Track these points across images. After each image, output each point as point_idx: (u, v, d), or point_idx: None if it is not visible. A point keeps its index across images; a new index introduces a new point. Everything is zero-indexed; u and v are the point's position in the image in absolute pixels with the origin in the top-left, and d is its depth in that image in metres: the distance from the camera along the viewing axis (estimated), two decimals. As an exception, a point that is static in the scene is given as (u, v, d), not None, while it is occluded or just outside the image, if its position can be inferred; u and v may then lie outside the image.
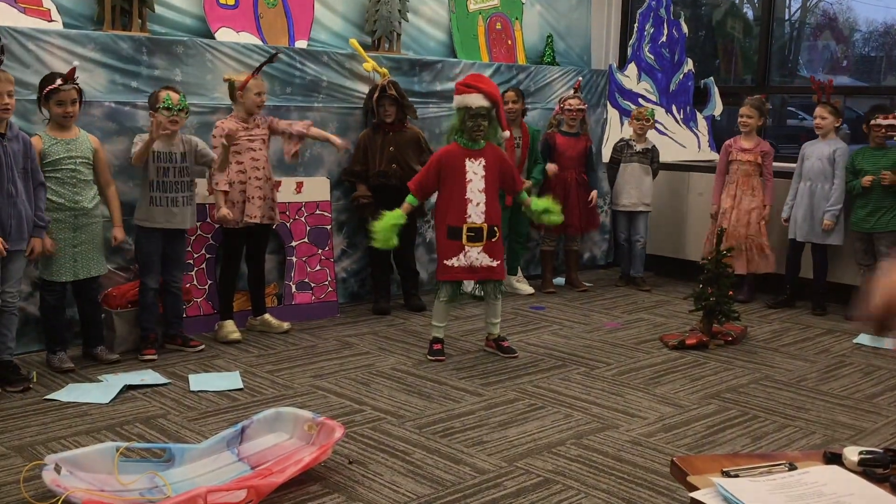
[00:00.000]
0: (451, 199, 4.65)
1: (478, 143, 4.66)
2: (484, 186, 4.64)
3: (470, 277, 4.73)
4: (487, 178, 4.64)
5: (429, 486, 3.15)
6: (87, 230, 4.43)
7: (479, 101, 4.57)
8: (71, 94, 4.30)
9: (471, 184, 4.63)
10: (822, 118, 5.99)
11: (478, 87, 4.58)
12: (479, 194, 4.64)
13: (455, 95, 4.70)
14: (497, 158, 4.71)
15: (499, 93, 4.70)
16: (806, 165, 6.05)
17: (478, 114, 4.58)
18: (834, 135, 6.01)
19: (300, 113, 5.61)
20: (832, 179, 5.92)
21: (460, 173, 4.63)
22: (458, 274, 4.67)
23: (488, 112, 4.60)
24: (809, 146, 6.10)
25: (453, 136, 4.71)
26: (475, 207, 4.63)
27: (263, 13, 5.69)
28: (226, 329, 5.04)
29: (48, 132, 4.34)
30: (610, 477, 3.27)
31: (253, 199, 4.94)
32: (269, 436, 3.43)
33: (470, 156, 4.65)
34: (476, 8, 6.90)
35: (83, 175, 4.39)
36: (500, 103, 4.67)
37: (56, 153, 4.30)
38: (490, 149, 4.70)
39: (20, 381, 4.10)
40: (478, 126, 4.60)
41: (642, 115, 6.58)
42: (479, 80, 4.67)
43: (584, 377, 4.52)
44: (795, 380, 4.55)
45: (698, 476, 1.81)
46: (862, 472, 1.82)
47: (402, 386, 4.31)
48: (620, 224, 6.77)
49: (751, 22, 8.12)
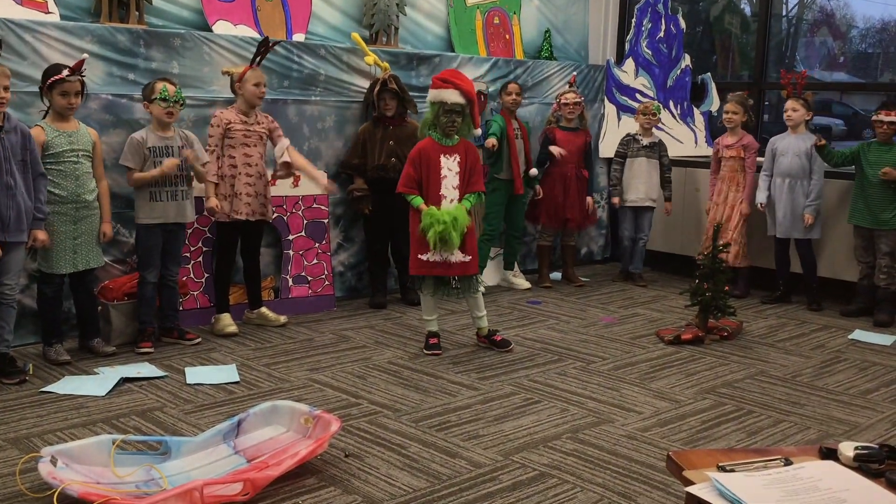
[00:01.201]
0: (426, 194, 4.66)
1: (451, 138, 4.67)
2: (458, 183, 4.66)
3: (444, 273, 4.71)
4: (461, 175, 4.67)
5: (425, 480, 3.16)
6: (87, 222, 4.42)
7: (454, 97, 4.58)
8: (75, 86, 4.29)
9: (445, 180, 4.65)
10: (793, 110, 5.98)
11: (454, 84, 4.59)
12: (453, 191, 4.66)
13: (431, 89, 4.71)
14: (472, 156, 4.73)
15: (474, 90, 4.70)
16: (782, 162, 6.04)
17: (452, 110, 4.60)
18: (804, 129, 6.01)
19: (298, 106, 5.61)
20: (810, 175, 5.94)
21: (435, 169, 4.65)
22: (432, 269, 4.67)
23: (463, 109, 4.62)
24: (780, 140, 6.09)
25: (426, 130, 4.73)
26: (449, 204, 4.64)
27: (261, 6, 5.68)
28: (222, 322, 5.04)
29: (50, 123, 4.33)
30: (605, 471, 3.28)
31: (241, 195, 4.92)
32: (266, 429, 3.44)
33: (445, 152, 4.66)
34: (474, 2, 6.89)
35: (85, 167, 4.39)
36: (474, 101, 4.68)
37: (59, 145, 4.29)
38: (463, 145, 4.72)
39: (16, 373, 4.10)
40: (451, 122, 4.62)
41: (649, 109, 6.57)
42: (456, 77, 4.68)
43: (580, 372, 4.53)
44: (791, 375, 4.56)
45: (694, 471, 1.81)
46: (857, 468, 1.83)
47: (399, 380, 4.31)
48: (626, 221, 6.72)
49: (748, 18, 8.13)
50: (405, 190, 4.68)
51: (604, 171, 7.43)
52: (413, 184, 4.67)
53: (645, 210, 6.66)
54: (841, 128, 7.79)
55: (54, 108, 4.32)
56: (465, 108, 4.63)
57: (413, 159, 4.71)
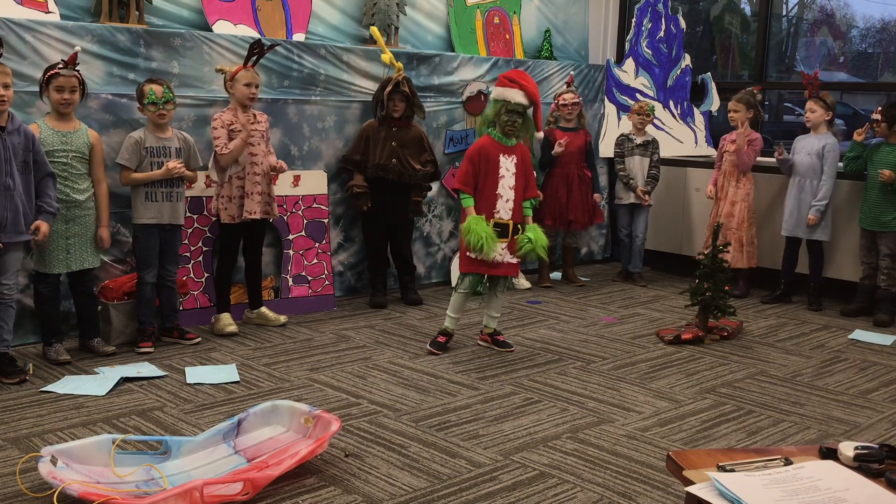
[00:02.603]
0: (482, 192, 4.65)
1: (510, 138, 4.67)
2: (514, 184, 4.66)
3: (491, 272, 4.71)
4: (517, 176, 4.67)
5: (425, 480, 3.16)
6: (80, 222, 4.41)
7: (518, 97, 4.57)
8: (71, 81, 4.28)
9: (503, 180, 4.64)
10: (811, 111, 6.00)
11: (520, 84, 4.58)
12: (509, 191, 4.65)
13: (496, 87, 4.69)
14: (526, 158, 4.75)
15: (538, 94, 4.67)
16: (796, 160, 6.05)
17: (514, 110, 4.59)
18: (825, 129, 6.00)
19: (298, 106, 5.61)
20: (820, 175, 5.93)
21: (494, 168, 4.64)
22: (479, 267, 4.67)
23: (525, 110, 4.61)
24: (800, 140, 6.11)
25: (485, 127, 4.72)
26: (504, 204, 4.65)
27: (261, 6, 5.68)
28: (222, 322, 5.04)
29: (47, 121, 4.33)
30: (605, 471, 3.28)
31: (252, 194, 4.93)
32: (266, 429, 3.44)
33: (504, 151, 4.66)
34: (474, 2, 6.89)
35: (75, 169, 4.37)
36: (538, 104, 4.65)
37: (51, 144, 4.28)
38: (521, 147, 4.73)
39: (16, 372, 4.09)
40: (512, 122, 4.61)
41: (642, 109, 6.58)
42: (523, 77, 4.66)
43: (581, 371, 4.53)
44: (791, 375, 4.56)
45: (694, 470, 1.81)
46: (857, 468, 1.83)
47: (399, 379, 4.31)
48: (622, 219, 6.75)
49: (748, 17, 8.12)
50: (462, 188, 4.64)
51: (604, 171, 7.44)
52: (472, 181, 4.64)
53: (640, 208, 6.66)
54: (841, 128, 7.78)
55: (51, 104, 4.32)
56: (527, 110, 4.62)
57: (472, 157, 4.67)
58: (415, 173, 5.70)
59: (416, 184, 5.77)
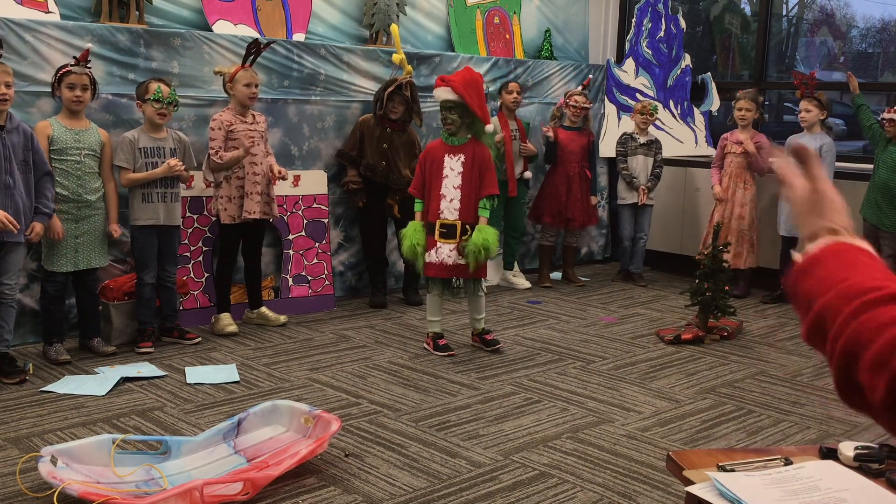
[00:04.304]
0: (429, 194, 4.65)
1: (456, 137, 4.62)
2: (460, 183, 4.58)
3: (444, 275, 4.66)
4: (465, 176, 4.58)
5: (425, 480, 3.16)
6: (90, 222, 4.43)
7: (444, 94, 4.53)
8: (82, 79, 4.30)
9: (446, 180, 4.61)
10: (806, 111, 5.98)
11: (446, 80, 4.53)
12: (453, 191, 4.60)
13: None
14: (479, 157, 4.61)
15: (469, 84, 4.51)
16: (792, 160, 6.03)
17: (444, 107, 4.57)
18: (819, 128, 6.00)
19: (298, 106, 5.61)
20: None
21: (438, 168, 4.62)
22: (434, 270, 4.65)
23: (455, 105, 4.52)
24: (797, 139, 6.09)
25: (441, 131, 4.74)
26: (448, 204, 4.60)
27: (261, 6, 5.68)
28: (222, 322, 5.04)
29: (59, 119, 4.35)
30: (605, 471, 3.28)
31: (251, 195, 4.93)
32: (266, 428, 3.44)
33: (450, 151, 4.63)
34: (474, 2, 6.89)
35: (88, 167, 4.39)
36: (466, 95, 4.48)
37: (64, 142, 4.30)
38: (473, 146, 4.62)
39: (16, 372, 4.10)
40: (445, 119, 4.59)
41: (646, 108, 6.57)
42: (456, 73, 4.65)
43: (580, 371, 4.53)
44: (791, 375, 4.56)
45: (694, 470, 1.81)
46: (857, 468, 1.82)
47: (399, 379, 4.31)
48: (625, 220, 6.71)
49: (748, 17, 8.12)
50: (413, 192, 4.71)
51: (604, 171, 7.43)
52: (420, 185, 4.67)
53: (644, 208, 6.66)
54: (841, 128, 7.78)
55: (63, 102, 4.34)
56: (459, 105, 4.51)
57: (421, 160, 4.71)
58: (400, 178, 5.63)
59: (399, 188, 5.65)
